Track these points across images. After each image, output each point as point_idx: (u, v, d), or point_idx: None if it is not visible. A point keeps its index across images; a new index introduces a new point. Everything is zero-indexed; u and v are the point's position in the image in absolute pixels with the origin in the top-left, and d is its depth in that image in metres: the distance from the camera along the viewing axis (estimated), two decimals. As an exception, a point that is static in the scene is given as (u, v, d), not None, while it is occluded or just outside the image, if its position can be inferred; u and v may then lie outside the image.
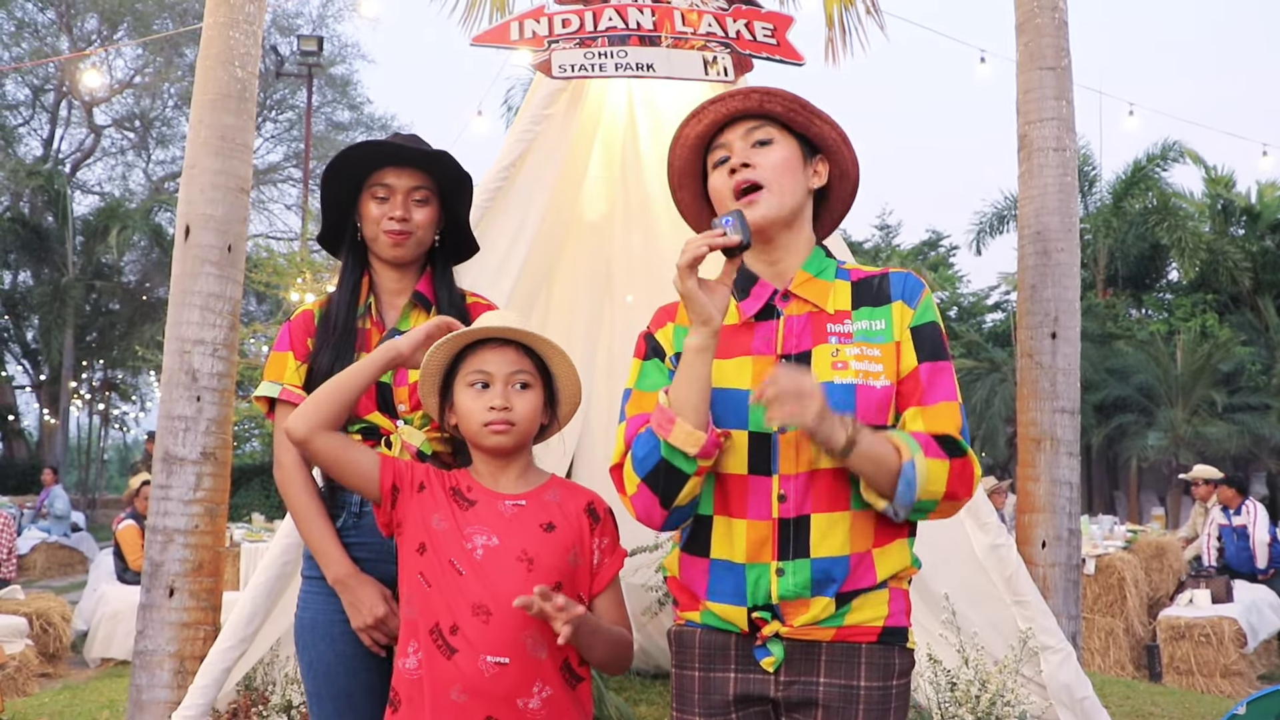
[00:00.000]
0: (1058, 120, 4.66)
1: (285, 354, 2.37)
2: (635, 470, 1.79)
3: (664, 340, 1.97)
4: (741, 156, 1.91)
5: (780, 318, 1.89)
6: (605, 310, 5.52)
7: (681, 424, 1.72)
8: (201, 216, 4.08)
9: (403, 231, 2.35)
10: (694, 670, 1.87)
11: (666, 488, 1.77)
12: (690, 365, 1.75)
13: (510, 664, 1.89)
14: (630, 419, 1.88)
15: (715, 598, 1.83)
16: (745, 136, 1.93)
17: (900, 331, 1.86)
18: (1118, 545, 8.57)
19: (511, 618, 1.89)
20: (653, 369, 1.94)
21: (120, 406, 32.95)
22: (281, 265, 14.53)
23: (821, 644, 1.79)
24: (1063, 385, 4.54)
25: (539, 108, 4.26)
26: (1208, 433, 18.81)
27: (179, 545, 3.94)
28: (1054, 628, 3.96)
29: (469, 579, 1.92)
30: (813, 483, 1.78)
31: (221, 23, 4.21)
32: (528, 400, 2.02)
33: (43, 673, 7.01)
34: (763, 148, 1.92)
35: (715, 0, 4.42)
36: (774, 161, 1.90)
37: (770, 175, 1.89)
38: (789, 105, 1.92)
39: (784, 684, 1.81)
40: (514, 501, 2.01)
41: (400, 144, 2.36)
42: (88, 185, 29.51)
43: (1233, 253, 21.56)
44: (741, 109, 1.93)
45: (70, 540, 14.04)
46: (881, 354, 1.83)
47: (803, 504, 1.78)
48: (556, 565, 1.96)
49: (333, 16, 28.60)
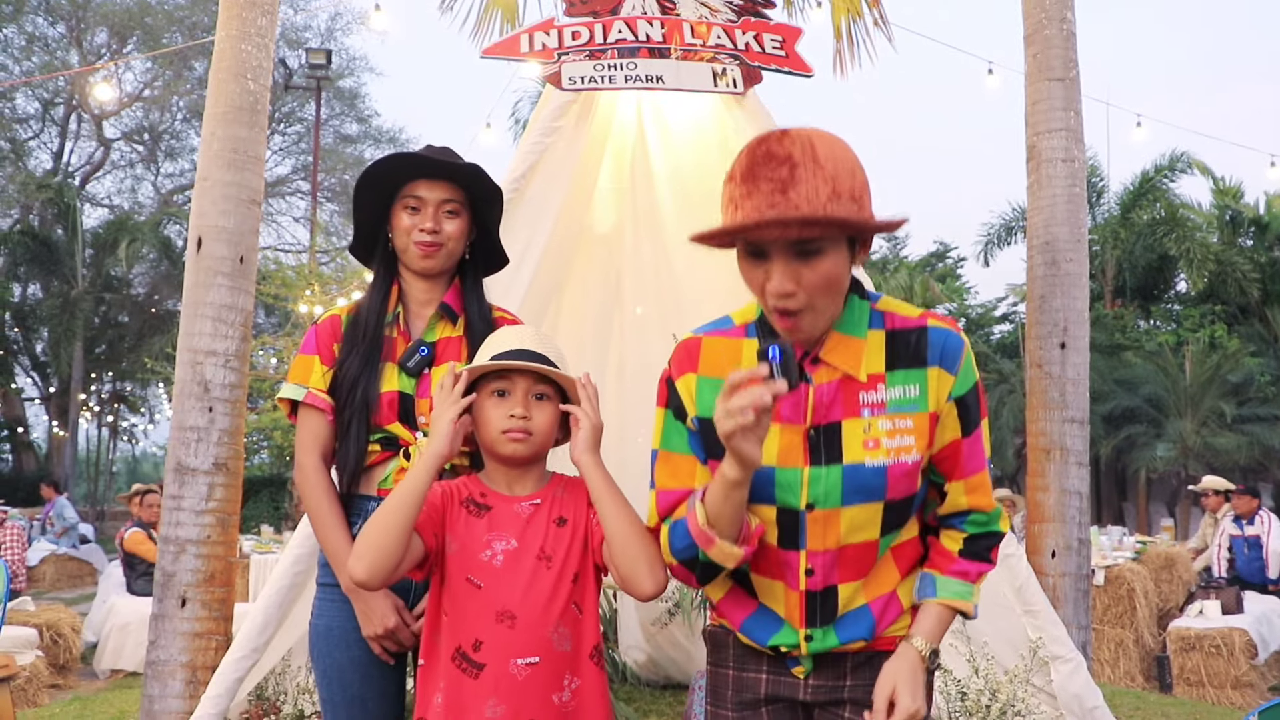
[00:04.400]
0: (1066, 131, 4.68)
1: (312, 357, 2.38)
2: (672, 554, 1.80)
3: (685, 393, 1.82)
4: (781, 277, 1.62)
5: (811, 385, 1.74)
6: (615, 321, 5.53)
7: (721, 545, 1.70)
8: (213, 228, 4.11)
9: (433, 243, 2.36)
10: (729, 668, 1.91)
11: (703, 576, 1.82)
12: (729, 494, 1.66)
13: (541, 662, 1.91)
14: (661, 492, 1.85)
15: (746, 633, 1.87)
16: (786, 248, 1.62)
17: (937, 402, 1.74)
18: (1127, 556, 8.56)
19: (537, 617, 1.91)
20: (675, 431, 1.84)
21: (129, 419, 33.01)
22: (290, 277, 14.59)
23: (848, 655, 1.84)
24: (1072, 395, 4.54)
25: (549, 120, 4.28)
26: (1217, 444, 18.74)
27: (191, 555, 3.95)
28: (1064, 637, 3.96)
29: (487, 590, 1.93)
30: (840, 558, 1.78)
31: (233, 36, 4.24)
32: (546, 412, 2.03)
33: (53, 684, 7.01)
34: (808, 260, 1.62)
35: (724, 12, 4.45)
36: (820, 279, 1.63)
37: (817, 294, 1.65)
38: (841, 228, 1.61)
39: (813, 688, 1.85)
40: (530, 502, 2.02)
41: (433, 157, 2.37)
42: (97, 198, 29.71)
43: (1241, 263, 21.54)
44: (785, 237, 1.61)
45: (79, 552, 14.07)
46: (914, 425, 1.73)
47: (829, 577, 1.79)
48: (572, 558, 1.99)
49: (341, 30, 28.82)
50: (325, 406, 2.33)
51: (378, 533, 1.86)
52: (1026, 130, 4.82)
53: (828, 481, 1.72)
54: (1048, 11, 4.75)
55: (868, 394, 1.73)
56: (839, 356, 1.73)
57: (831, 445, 1.72)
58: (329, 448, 2.35)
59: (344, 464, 2.30)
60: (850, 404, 1.73)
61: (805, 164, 1.59)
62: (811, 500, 1.73)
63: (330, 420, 2.34)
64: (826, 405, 1.73)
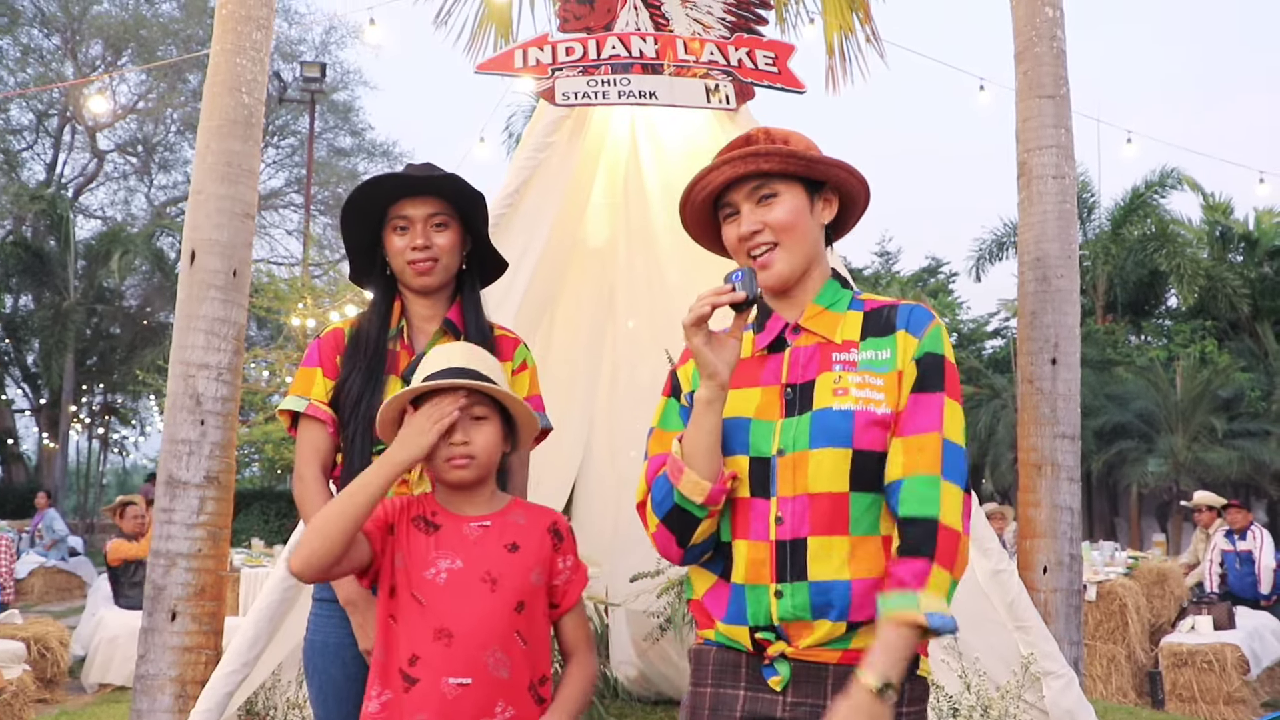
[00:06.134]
0: (1057, 148, 4.70)
1: (314, 370, 2.39)
2: (654, 511, 1.87)
3: (684, 377, 2.01)
4: (749, 220, 1.93)
5: (788, 349, 1.92)
6: (608, 335, 5.54)
7: (689, 474, 1.80)
8: (207, 241, 4.11)
9: (427, 259, 2.36)
10: (706, 687, 1.90)
11: (681, 529, 1.85)
12: (699, 417, 1.81)
13: (473, 684, 1.91)
14: (651, 458, 1.95)
15: (725, 618, 1.87)
16: (749, 196, 1.93)
17: (904, 362, 1.85)
18: (1119, 572, 8.55)
19: (473, 638, 1.92)
20: (671, 410, 1.99)
21: (120, 431, 32.95)
22: (283, 290, 14.57)
23: (829, 666, 1.78)
24: (1063, 411, 4.56)
25: (542, 135, 4.29)
26: (1208, 459, 18.78)
27: (181, 569, 3.94)
28: (1056, 653, 3.96)
29: (429, 607, 1.94)
30: (810, 506, 1.79)
31: (228, 49, 4.25)
32: (485, 432, 2.02)
33: (40, 698, 6.96)
34: (768, 203, 1.92)
35: (717, 29, 4.47)
36: (781, 216, 1.91)
37: (780, 232, 1.91)
38: (784, 161, 1.91)
39: (791, 705, 1.81)
40: (479, 523, 2.02)
41: (410, 174, 2.37)
42: (90, 210, 29.68)
43: (1231, 279, 21.63)
44: (739, 173, 1.93)
45: (68, 565, 13.99)
46: (885, 383, 1.83)
47: (799, 527, 1.79)
48: (519, 585, 1.98)
49: (336, 43, 28.86)
50: (326, 419, 2.33)
51: (322, 526, 1.88)
52: (1017, 147, 4.84)
53: (798, 428, 1.82)
54: (1038, 29, 4.78)
55: (840, 354, 1.88)
56: (818, 324, 1.92)
57: (805, 398, 1.85)
58: (329, 459, 2.36)
59: (348, 478, 2.30)
60: (825, 362, 1.88)
61: (761, 137, 1.95)
62: (782, 446, 1.82)
63: (331, 432, 2.34)
64: (803, 365, 1.89)
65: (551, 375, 4.68)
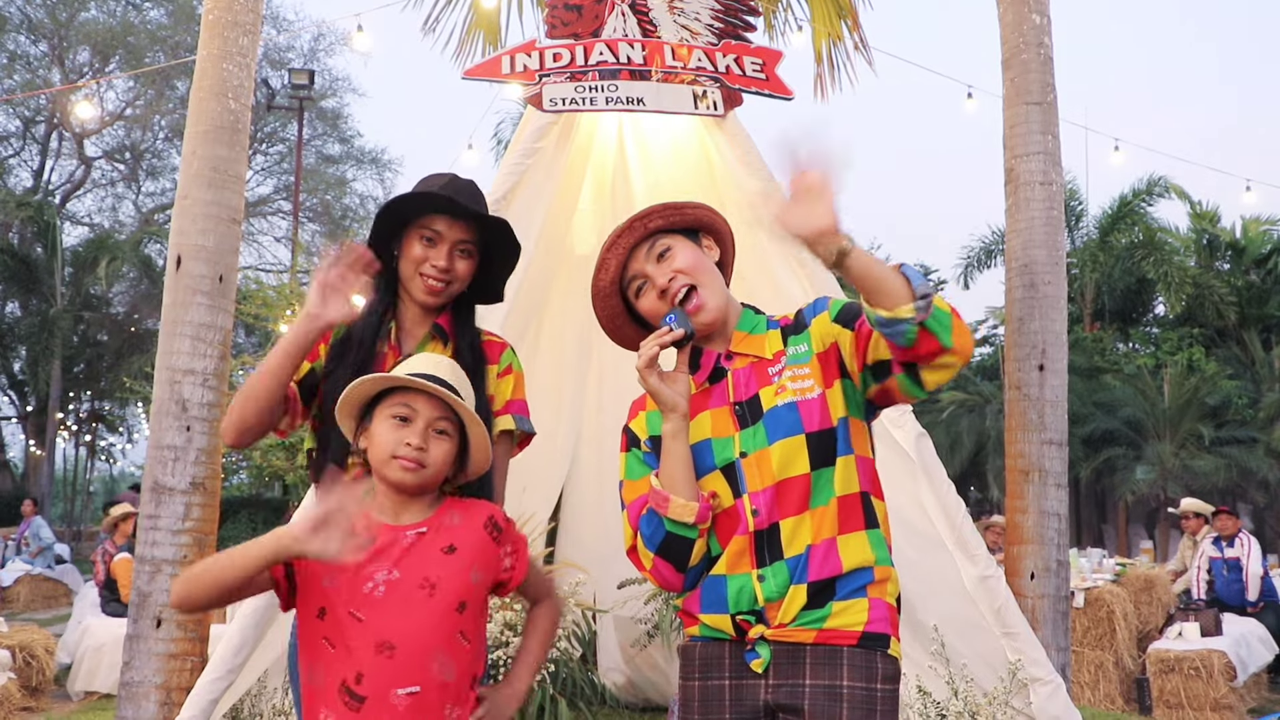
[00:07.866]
0: (1044, 155, 4.72)
1: None
2: (648, 548, 2.04)
3: (638, 429, 2.20)
4: (661, 275, 2.12)
5: (729, 374, 2.12)
6: (595, 342, 5.53)
7: (675, 500, 1.99)
8: (193, 247, 4.10)
9: (442, 281, 2.35)
10: (694, 680, 2.06)
11: (678, 555, 2.02)
12: (670, 448, 2.03)
13: (421, 692, 1.90)
14: (629, 505, 2.12)
15: (705, 610, 2.04)
16: (649, 258, 2.14)
17: (822, 342, 2.06)
18: (1106, 578, 8.55)
19: (417, 647, 1.90)
20: (634, 460, 2.17)
21: (107, 438, 32.76)
22: (270, 297, 14.52)
23: (805, 647, 1.95)
24: (1050, 417, 4.57)
25: (530, 141, 4.29)
26: (1195, 466, 18.84)
27: (167, 576, 3.92)
28: (1043, 659, 3.96)
29: (369, 622, 1.91)
30: (778, 493, 1.99)
31: (215, 55, 4.24)
32: (442, 448, 2.01)
33: (25, 706, 6.92)
34: (667, 257, 2.13)
35: (705, 35, 4.48)
36: (686, 261, 2.12)
37: (693, 274, 2.11)
38: (663, 216, 2.14)
39: (773, 687, 1.97)
40: (415, 530, 2.00)
41: (463, 203, 2.33)
42: (77, 216, 29.55)
43: (1218, 287, 21.72)
44: (635, 239, 2.15)
45: (54, 572, 13.89)
46: (809, 370, 2.05)
47: (772, 513, 1.99)
48: (458, 587, 1.97)
49: (324, 50, 28.83)
50: (292, 394, 2.31)
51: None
52: (1005, 153, 4.86)
53: (756, 434, 2.03)
54: (1025, 36, 4.79)
55: (773, 367, 2.09)
56: (748, 346, 2.14)
57: (755, 409, 2.05)
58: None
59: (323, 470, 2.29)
60: (763, 378, 2.09)
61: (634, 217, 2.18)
62: (744, 450, 2.03)
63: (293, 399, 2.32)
64: (744, 384, 2.10)
65: (539, 382, 4.67)
